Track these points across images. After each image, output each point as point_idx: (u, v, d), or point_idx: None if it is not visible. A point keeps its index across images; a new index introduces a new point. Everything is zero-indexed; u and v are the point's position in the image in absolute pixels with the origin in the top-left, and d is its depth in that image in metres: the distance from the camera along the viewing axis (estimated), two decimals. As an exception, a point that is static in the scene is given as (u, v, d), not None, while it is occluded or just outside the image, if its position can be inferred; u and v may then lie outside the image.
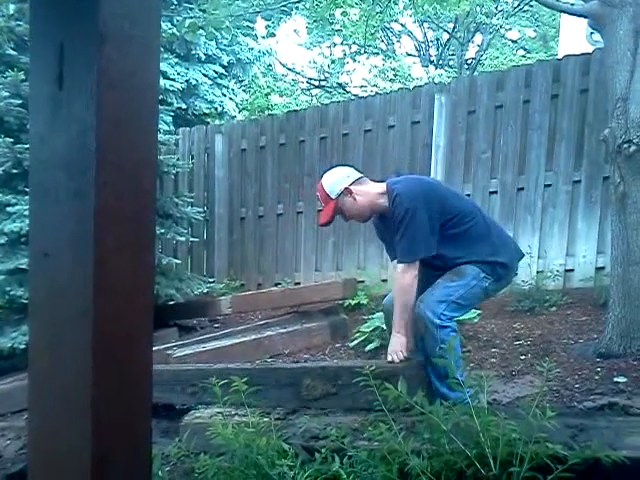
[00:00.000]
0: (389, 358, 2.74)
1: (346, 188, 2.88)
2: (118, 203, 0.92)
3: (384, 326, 3.93)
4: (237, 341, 4.24)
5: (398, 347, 2.72)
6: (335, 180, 2.93)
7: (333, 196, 2.89)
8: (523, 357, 3.58)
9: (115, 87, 0.91)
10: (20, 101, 4.94)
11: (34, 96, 0.97)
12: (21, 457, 2.82)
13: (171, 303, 5.31)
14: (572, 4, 3.94)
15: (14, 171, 4.75)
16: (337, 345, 4.40)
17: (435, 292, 2.73)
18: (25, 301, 4.10)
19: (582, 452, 1.69)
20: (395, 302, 2.77)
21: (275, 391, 2.70)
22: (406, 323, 2.73)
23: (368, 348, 4.00)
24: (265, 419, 2.27)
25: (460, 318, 3.88)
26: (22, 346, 4.13)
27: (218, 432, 2.02)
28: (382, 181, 3.03)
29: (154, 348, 1.08)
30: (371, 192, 2.91)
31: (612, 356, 3.29)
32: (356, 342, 4.12)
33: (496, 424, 1.77)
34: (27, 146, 3.87)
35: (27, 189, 1.02)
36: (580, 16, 3.79)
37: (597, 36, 3.97)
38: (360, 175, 2.99)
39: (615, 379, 3.03)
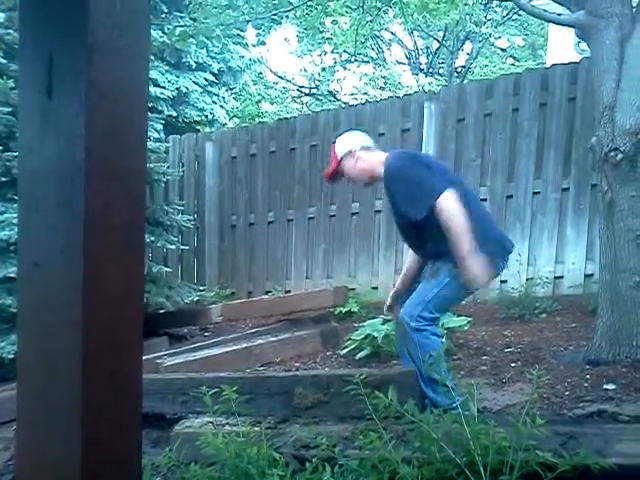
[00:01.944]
0: (474, 281, 2.64)
1: (350, 151, 2.99)
2: (107, 212, 0.92)
3: (375, 334, 3.94)
4: (228, 350, 4.22)
5: (478, 267, 2.61)
6: (346, 142, 3.07)
7: (339, 155, 3.03)
8: (513, 364, 3.59)
9: (104, 96, 0.91)
10: (9, 109, 4.91)
11: (23, 105, 0.96)
12: (9, 468, 2.79)
13: (161, 311, 5.28)
14: (559, 14, 3.98)
15: (3, 179, 4.72)
16: (328, 353, 4.39)
17: (413, 296, 2.80)
18: (14, 310, 4.07)
19: (571, 460, 1.70)
20: (450, 233, 2.64)
21: (266, 400, 2.69)
22: (469, 244, 2.61)
23: (359, 356, 3.99)
24: (256, 428, 2.27)
25: (451, 326, 3.92)
26: (11, 356, 4.09)
27: (209, 442, 2.01)
28: None
29: (144, 357, 1.07)
30: (373, 160, 3.00)
31: (601, 363, 3.31)
32: (347, 350, 4.11)
33: (486, 432, 1.77)
34: (16, 154, 3.85)
35: (16, 197, 1.01)
36: (567, 26, 3.83)
37: (584, 45, 4.01)
38: (371, 144, 3.10)
39: (604, 386, 3.04)
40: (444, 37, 16.05)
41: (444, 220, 2.65)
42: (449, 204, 2.65)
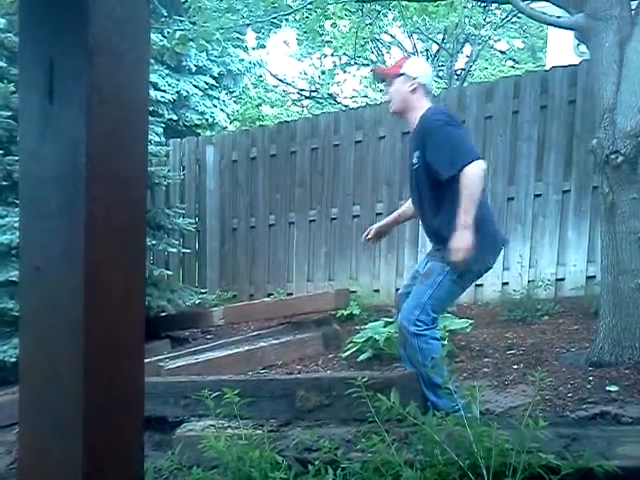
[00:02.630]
0: (453, 256, 2.63)
1: (413, 77, 2.92)
2: (109, 216, 0.92)
3: (377, 336, 3.93)
4: (230, 352, 4.22)
5: (464, 243, 2.60)
6: (417, 68, 2.98)
7: (403, 70, 2.95)
8: (516, 366, 3.58)
9: (105, 100, 0.91)
10: (10, 113, 4.93)
11: (24, 109, 0.96)
12: (11, 472, 2.79)
13: (163, 315, 5.28)
14: (559, 17, 3.98)
15: (4, 183, 4.73)
16: (330, 356, 4.39)
17: (409, 300, 2.79)
18: (16, 314, 4.07)
19: (575, 462, 1.70)
20: (463, 198, 2.63)
21: (269, 403, 2.69)
22: (472, 218, 2.62)
23: (361, 358, 3.99)
24: (258, 431, 2.27)
25: (452, 328, 3.92)
26: (13, 359, 4.09)
27: (211, 445, 2.01)
28: None
29: (146, 360, 1.07)
30: (419, 102, 2.93)
31: (604, 365, 3.30)
32: (349, 352, 4.11)
33: (489, 434, 1.77)
34: (17, 158, 3.86)
35: (17, 201, 1.01)
36: (567, 29, 3.83)
37: (584, 47, 4.01)
38: (430, 91, 3.05)
39: (607, 388, 3.04)
40: (443, 40, 16.06)
41: (466, 184, 2.63)
42: (478, 172, 2.65)
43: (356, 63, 17.31)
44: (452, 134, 2.77)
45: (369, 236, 3.34)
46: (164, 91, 10.23)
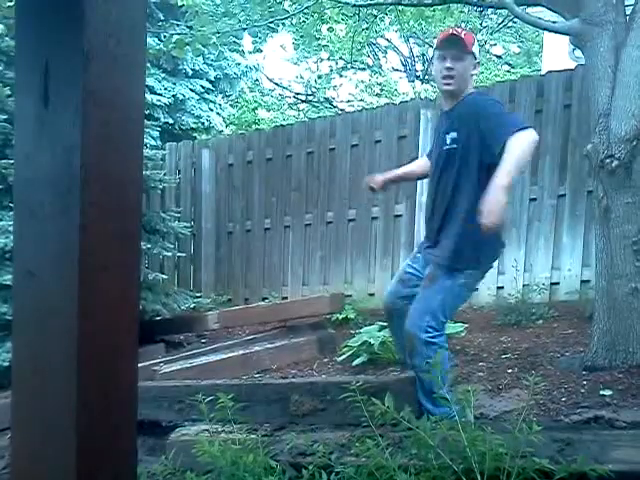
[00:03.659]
0: (482, 218, 2.40)
1: (477, 60, 2.82)
2: (103, 221, 0.92)
3: (372, 340, 3.93)
4: (224, 357, 4.22)
5: (499, 205, 2.40)
6: (477, 48, 2.85)
7: (474, 49, 2.76)
8: (510, 371, 3.59)
9: (100, 105, 0.91)
10: (5, 117, 4.92)
11: (19, 113, 0.97)
12: (4, 477, 2.77)
13: (157, 319, 5.27)
14: (554, 22, 4.00)
15: (-1, 187, 4.72)
16: (325, 360, 4.39)
17: (416, 306, 2.71)
18: (9, 318, 4.03)
19: (568, 466, 1.70)
20: (509, 154, 2.45)
21: (263, 407, 2.69)
22: (511, 182, 2.45)
23: (356, 363, 3.98)
24: (252, 436, 2.26)
25: (447, 332, 3.92)
26: (6, 364, 4.07)
27: (205, 449, 2.00)
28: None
29: (140, 364, 1.07)
30: (469, 85, 2.82)
31: (598, 369, 3.31)
32: (344, 357, 4.11)
33: (483, 439, 1.77)
34: (12, 162, 3.85)
35: (12, 205, 1.01)
36: (562, 34, 3.85)
37: (579, 52, 4.03)
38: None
39: (601, 392, 3.04)
40: (440, 44, 16.10)
41: (515, 145, 2.46)
42: (531, 138, 2.50)
43: (352, 67, 17.34)
44: (506, 112, 2.81)
45: (376, 184, 3.19)
46: (160, 95, 10.23)
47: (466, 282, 2.75)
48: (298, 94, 18.81)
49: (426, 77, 16.99)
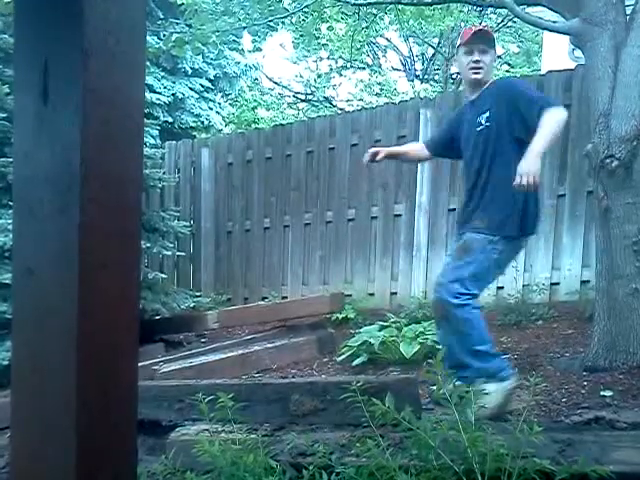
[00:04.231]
0: (519, 179, 2.62)
1: (496, 53, 3.16)
2: (103, 219, 0.92)
3: (372, 340, 3.93)
4: (224, 356, 4.21)
5: (534, 168, 2.62)
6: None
7: (495, 44, 3.09)
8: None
9: (100, 102, 0.90)
10: (4, 115, 4.91)
11: (18, 111, 0.96)
12: (3, 476, 2.76)
13: (157, 318, 5.27)
14: (554, 22, 4.00)
15: (-2, 185, 4.71)
16: (325, 360, 4.38)
17: (447, 274, 2.80)
18: (9, 317, 4.04)
19: (569, 467, 1.70)
20: (543, 127, 2.68)
21: (263, 407, 2.68)
22: (544, 151, 2.71)
23: (356, 362, 3.98)
24: (252, 435, 2.25)
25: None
26: (5, 362, 4.07)
27: (205, 449, 2.00)
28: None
29: (140, 364, 1.07)
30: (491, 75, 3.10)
31: (598, 370, 3.31)
32: (344, 356, 4.11)
33: (484, 439, 1.77)
34: (11, 160, 3.85)
35: (11, 203, 1.01)
36: (562, 33, 3.85)
37: (579, 52, 4.02)
38: None
39: (601, 393, 3.04)
40: (439, 44, 16.11)
41: (548, 121, 2.69)
42: (562, 115, 2.76)
43: (352, 66, 17.34)
44: (536, 91, 3.05)
45: (377, 156, 3.30)
46: (160, 93, 10.23)
47: (499, 257, 2.83)
48: (298, 93, 18.81)
49: (425, 77, 17.00)
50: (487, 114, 2.92)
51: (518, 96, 2.86)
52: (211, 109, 11.46)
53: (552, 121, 2.70)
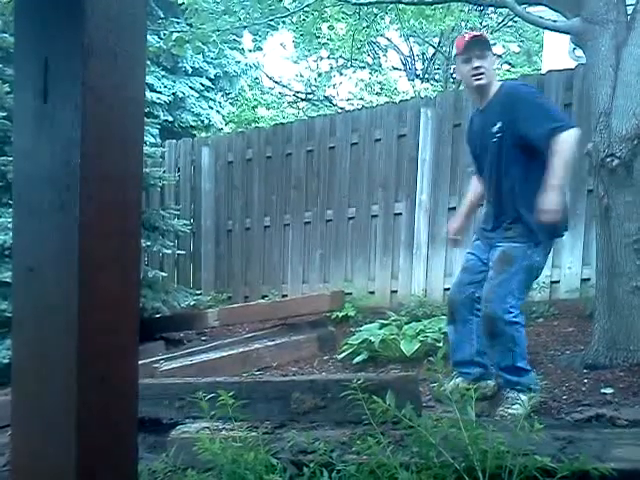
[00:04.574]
0: (543, 216, 2.71)
1: (495, 55, 3.13)
2: (103, 217, 0.92)
3: (372, 338, 3.93)
4: (224, 354, 4.21)
5: (555, 205, 2.71)
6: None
7: (490, 48, 3.04)
8: (510, 369, 3.58)
9: (100, 101, 0.90)
10: (5, 113, 4.91)
11: (18, 109, 0.96)
12: (4, 474, 2.77)
13: (157, 316, 5.27)
14: (555, 21, 3.99)
15: (-2, 183, 4.72)
16: (325, 357, 4.38)
17: (496, 290, 2.85)
18: (9, 315, 4.04)
19: (570, 464, 1.70)
20: (557, 157, 2.72)
21: (263, 405, 2.68)
22: (562, 183, 2.76)
23: (356, 360, 3.98)
24: (253, 433, 2.26)
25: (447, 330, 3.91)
26: (6, 361, 4.07)
27: (205, 447, 2.00)
28: None
29: (140, 362, 1.07)
30: (495, 78, 3.06)
31: (599, 367, 3.31)
32: (344, 354, 4.11)
33: (484, 437, 1.77)
34: (11, 159, 3.85)
35: (11, 202, 1.01)
36: (563, 33, 3.84)
37: (579, 52, 4.02)
38: None
39: (602, 390, 3.04)
40: (440, 43, 16.09)
41: (560, 149, 2.71)
42: (573, 139, 2.76)
43: (352, 66, 17.31)
44: (543, 102, 2.96)
45: (457, 235, 3.35)
46: (160, 92, 10.21)
47: (539, 261, 2.92)
48: (298, 92, 18.80)
49: (426, 76, 16.99)
50: (499, 125, 2.91)
51: (525, 110, 2.85)
52: (211, 108, 11.45)
53: (565, 149, 2.73)
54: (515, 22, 14.43)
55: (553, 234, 2.98)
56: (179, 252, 6.17)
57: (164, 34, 6.72)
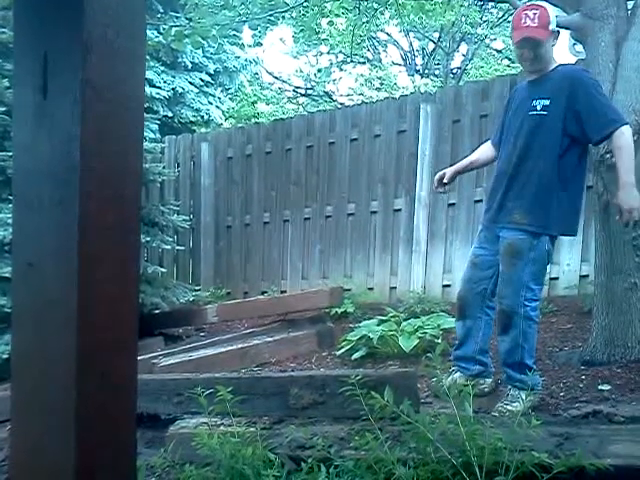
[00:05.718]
0: (625, 217, 2.74)
1: (555, 31, 2.86)
2: (102, 212, 0.92)
3: (371, 334, 3.94)
4: (223, 350, 4.22)
5: (637, 204, 2.72)
6: (553, 17, 2.84)
7: (551, 27, 2.80)
8: (509, 365, 3.59)
9: (100, 96, 0.90)
10: (4, 108, 4.90)
11: (18, 105, 0.96)
12: (3, 468, 2.78)
13: (156, 312, 5.27)
14: (555, 16, 3.98)
15: (-2, 179, 4.71)
16: (324, 353, 4.39)
17: (509, 285, 2.84)
18: (9, 310, 4.04)
19: (567, 460, 1.70)
20: (625, 152, 2.72)
21: (262, 400, 2.69)
22: (634, 177, 2.73)
23: (355, 356, 3.99)
24: (251, 429, 2.27)
25: (447, 327, 3.92)
26: (5, 356, 4.08)
27: (204, 442, 2.01)
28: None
29: (139, 357, 1.07)
30: (552, 53, 2.88)
31: (596, 364, 3.32)
32: (343, 350, 4.11)
33: (482, 433, 1.77)
34: (11, 154, 3.84)
35: (11, 197, 1.01)
36: (563, 28, 3.83)
37: (579, 47, 4.02)
38: None
39: (599, 387, 3.05)
40: (440, 38, 16.07)
41: (625, 144, 2.71)
42: (631, 134, 2.74)
43: (352, 61, 17.29)
44: (605, 96, 2.85)
45: (447, 179, 3.27)
46: (159, 88, 10.19)
47: (549, 248, 2.88)
48: (297, 88, 18.77)
49: (426, 71, 16.96)
50: (546, 102, 2.79)
51: (583, 98, 2.74)
52: (211, 103, 11.42)
53: (629, 144, 2.72)
54: (515, 18, 14.37)
55: (565, 231, 2.97)
56: (178, 248, 6.17)
57: (163, 29, 6.71)
